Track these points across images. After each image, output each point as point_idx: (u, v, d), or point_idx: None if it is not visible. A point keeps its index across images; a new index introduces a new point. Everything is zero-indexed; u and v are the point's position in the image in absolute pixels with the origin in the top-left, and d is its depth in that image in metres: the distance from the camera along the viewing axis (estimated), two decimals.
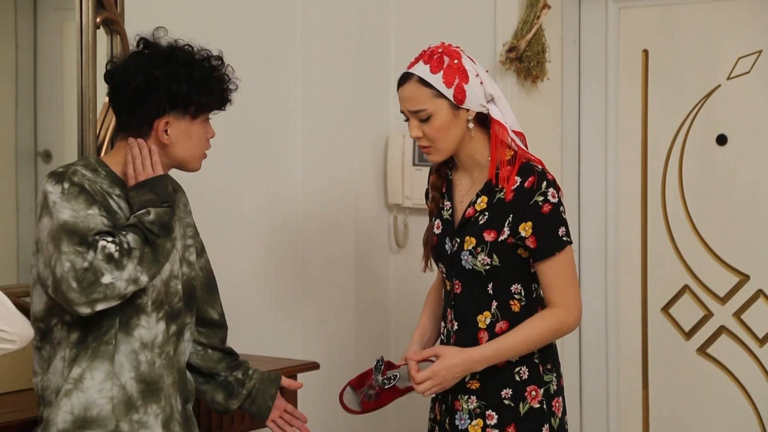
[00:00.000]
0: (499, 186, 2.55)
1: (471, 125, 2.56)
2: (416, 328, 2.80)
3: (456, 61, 2.55)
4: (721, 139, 3.74)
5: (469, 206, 2.61)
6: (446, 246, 2.65)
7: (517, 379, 2.56)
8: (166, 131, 2.39)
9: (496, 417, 2.56)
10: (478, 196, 2.60)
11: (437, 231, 2.69)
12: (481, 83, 2.57)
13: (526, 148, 2.65)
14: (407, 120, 2.60)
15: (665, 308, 3.85)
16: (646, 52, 3.85)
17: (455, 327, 2.63)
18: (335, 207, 3.84)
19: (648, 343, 3.87)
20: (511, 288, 2.59)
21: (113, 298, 2.23)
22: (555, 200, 2.53)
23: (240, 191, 3.57)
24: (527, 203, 2.52)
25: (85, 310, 2.21)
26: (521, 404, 2.56)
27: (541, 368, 2.58)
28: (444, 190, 2.70)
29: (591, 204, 3.92)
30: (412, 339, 2.78)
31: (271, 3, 3.67)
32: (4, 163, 3.03)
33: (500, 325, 2.58)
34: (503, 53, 3.67)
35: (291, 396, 3.06)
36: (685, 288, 3.81)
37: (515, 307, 2.58)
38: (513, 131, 2.60)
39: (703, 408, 3.78)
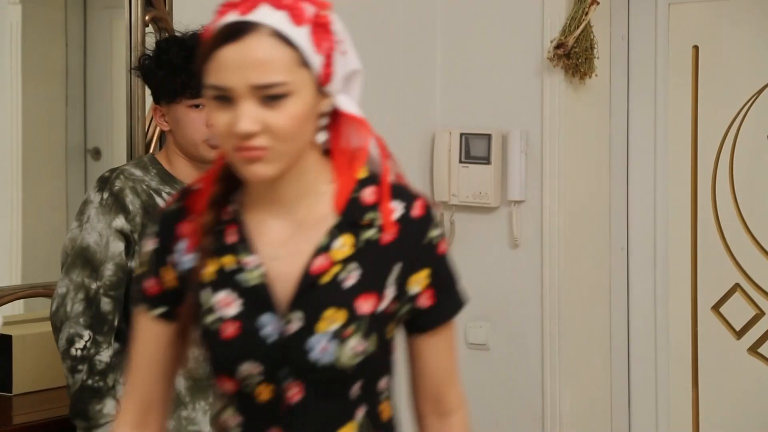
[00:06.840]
0: (367, 218, 1.62)
1: (324, 122, 1.62)
2: None
3: (324, 12, 1.61)
4: None
5: (316, 255, 1.58)
6: (265, 331, 1.57)
7: None
8: (164, 117, 2.44)
9: None
10: (333, 236, 1.59)
11: (233, 311, 1.57)
12: (344, 53, 1.63)
13: (387, 154, 1.78)
14: (223, 99, 1.51)
15: (715, 307, 3.81)
16: (696, 48, 3.81)
17: None
18: None
19: (698, 343, 3.83)
20: (380, 385, 1.65)
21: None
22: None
23: None
24: (419, 242, 1.65)
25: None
26: None
27: None
28: (237, 239, 1.60)
29: (640, 202, 3.89)
30: None
31: None
32: (54, 160, 3.07)
33: None
34: (551, 50, 3.65)
35: None
36: (736, 287, 3.77)
37: (386, 412, 1.66)
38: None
39: (754, 408, 3.74)
